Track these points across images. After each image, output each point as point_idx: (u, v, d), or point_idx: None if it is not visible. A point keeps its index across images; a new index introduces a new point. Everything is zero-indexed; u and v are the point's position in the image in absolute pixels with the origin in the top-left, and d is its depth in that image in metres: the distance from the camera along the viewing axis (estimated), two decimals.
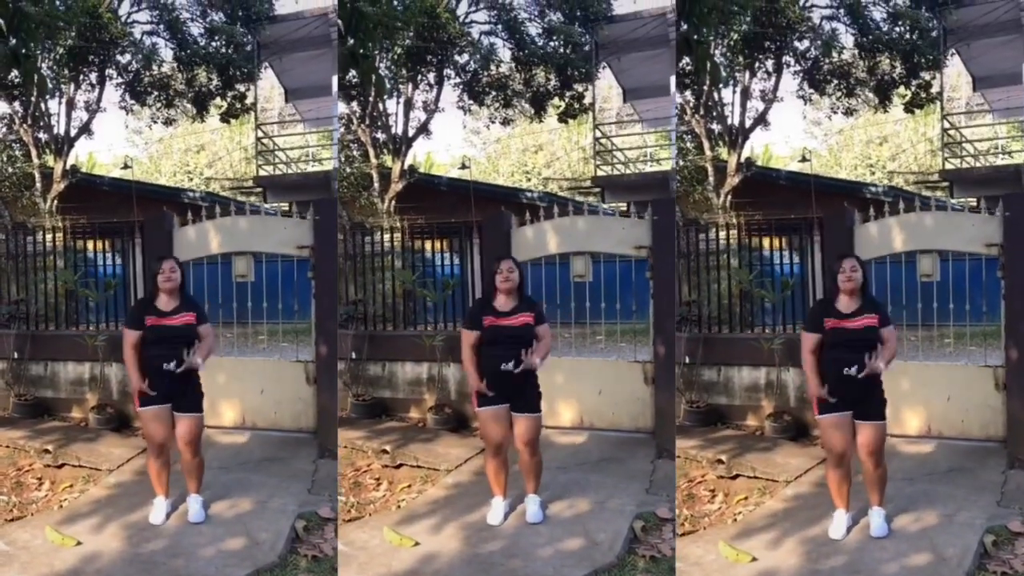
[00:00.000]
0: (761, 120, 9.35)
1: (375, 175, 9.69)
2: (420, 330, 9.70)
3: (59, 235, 9.79)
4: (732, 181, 9.26)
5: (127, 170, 9.74)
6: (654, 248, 8.86)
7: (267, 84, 9.93)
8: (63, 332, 9.79)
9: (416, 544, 7.43)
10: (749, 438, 8.84)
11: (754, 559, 7.15)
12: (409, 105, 9.71)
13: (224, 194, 9.82)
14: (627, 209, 9.42)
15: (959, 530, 7.22)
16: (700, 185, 9.26)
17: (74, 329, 9.81)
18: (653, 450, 8.57)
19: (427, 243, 9.87)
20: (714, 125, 9.27)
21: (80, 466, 8.60)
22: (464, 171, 9.77)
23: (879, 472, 7.19)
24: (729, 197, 9.24)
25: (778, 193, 9.37)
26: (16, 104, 9.67)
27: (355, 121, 9.60)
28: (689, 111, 9.20)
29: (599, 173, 9.89)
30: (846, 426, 7.14)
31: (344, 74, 9.18)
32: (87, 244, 9.90)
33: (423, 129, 9.78)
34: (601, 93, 9.89)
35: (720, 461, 8.37)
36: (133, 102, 9.71)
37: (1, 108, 9.67)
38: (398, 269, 9.71)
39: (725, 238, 9.27)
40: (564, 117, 9.85)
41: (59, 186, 9.73)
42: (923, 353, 8.82)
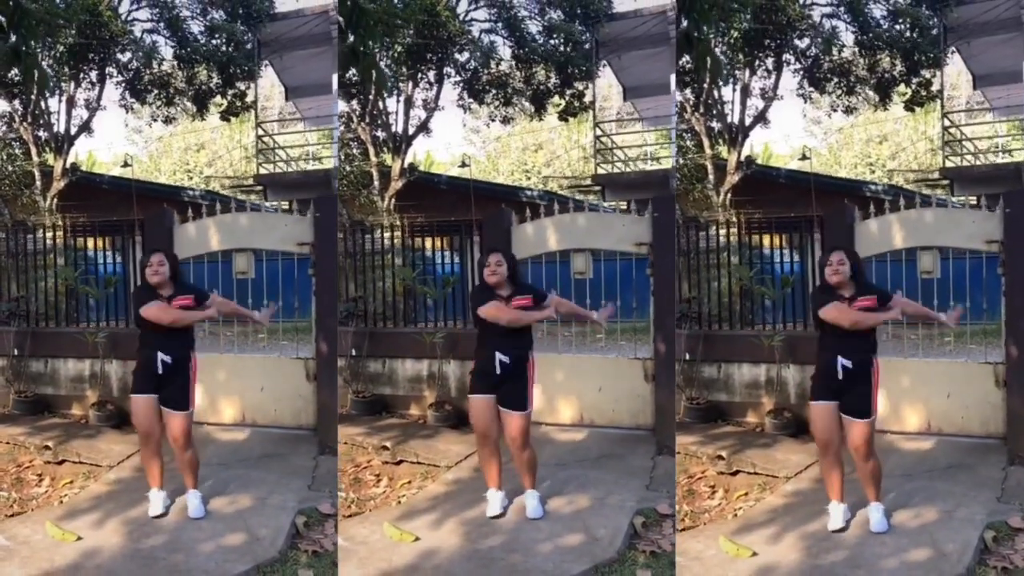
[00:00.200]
0: (761, 118, 9.35)
1: (375, 173, 9.69)
2: (420, 327, 9.69)
3: (59, 233, 9.80)
4: (732, 179, 9.26)
5: (127, 168, 9.74)
6: (654, 245, 8.86)
7: (267, 82, 9.92)
8: (63, 329, 9.80)
9: (416, 539, 7.43)
10: (749, 434, 8.84)
11: (754, 554, 7.15)
12: (409, 103, 9.71)
13: (224, 193, 9.82)
14: (627, 207, 9.41)
15: (959, 526, 7.21)
16: (700, 183, 9.26)
17: (74, 326, 9.82)
18: (653, 447, 8.57)
19: (427, 241, 9.88)
20: (714, 123, 9.27)
21: (80, 462, 8.61)
22: (464, 169, 9.77)
23: (869, 467, 7.19)
24: (729, 195, 9.25)
25: (778, 191, 9.37)
26: (16, 102, 9.68)
27: (355, 119, 9.60)
28: (689, 109, 9.21)
29: (599, 171, 9.89)
30: (830, 416, 7.15)
31: (344, 71, 9.18)
32: (87, 242, 9.91)
33: (423, 127, 9.78)
34: (601, 91, 9.88)
35: (720, 457, 8.38)
36: (133, 100, 9.71)
37: (1, 106, 9.68)
38: (398, 266, 9.71)
39: (725, 235, 9.28)
40: (564, 115, 9.84)
41: (59, 184, 9.73)
42: (923, 350, 8.82)
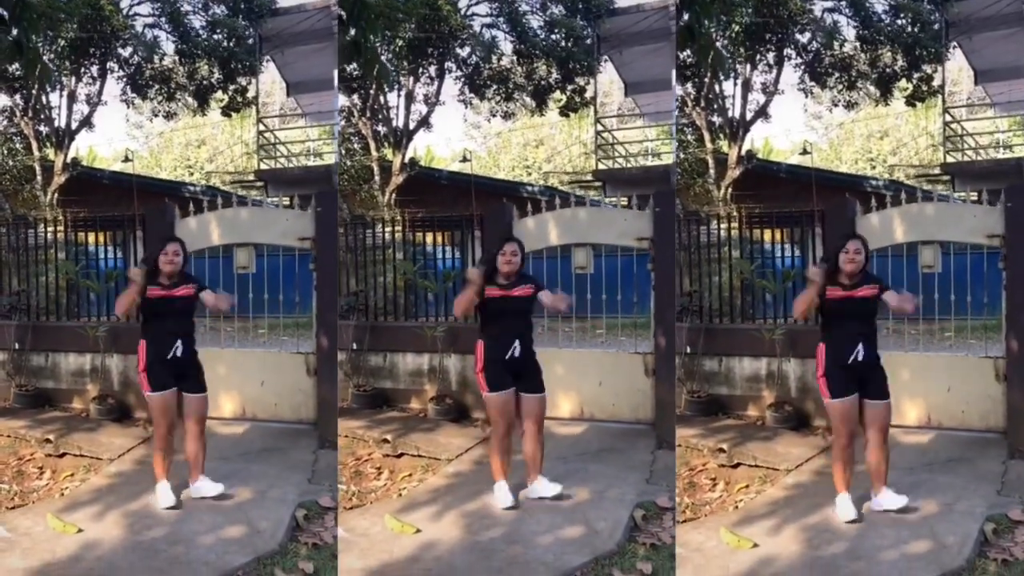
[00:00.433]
0: (762, 113, 9.35)
1: (376, 168, 9.69)
2: (421, 322, 9.70)
3: (60, 228, 9.81)
4: (733, 174, 9.26)
5: (128, 164, 9.73)
6: (655, 240, 8.86)
7: (268, 78, 9.91)
8: (64, 323, 9.81)
9: (417, 531, 7.43)
10: (750, 427, 8.84)
11: (755, 545, 7.16)
12: (410, 98, 9.71)
13: (225, 188, 9.81)
14: (628, 203, 9.42)
15: (959, 518, 7.22)
16: (701, 177, 9.27)
17: (75, 321, 9.83)
18: (653, 441, 8.57)
19: (428, 236, 9.87)
20: (715, 117, 9.27)
21: (81, 455, 8.61)
22: (465, 164, 9.76)
23: (887, 450, 7.28)
24: (730, 189, 9.25)
25: (779, 186, 9.37)
26: (17, 96, 9.68)
27: (356, 114, 9.59)
28: (690, 103, 9.21)
29: (600, 167, 9.88)
30: (855, 408, 7.26)
31: (346, 65, 9.18)
32: (88, 237, 9.91)
33: (424, 122, 9.77)
34: (602, 87, 9.87)
35: (721, 450, 8.38)
36: (134, 95, 9.70)
37: (2, 101, 9.68)
38: (399, 261, 9.71)
39: (726, 230, 9.28)
40: (565, 111, 9.83)
41: (60, 179, 9.73)
42: (923, 345, 8.82)
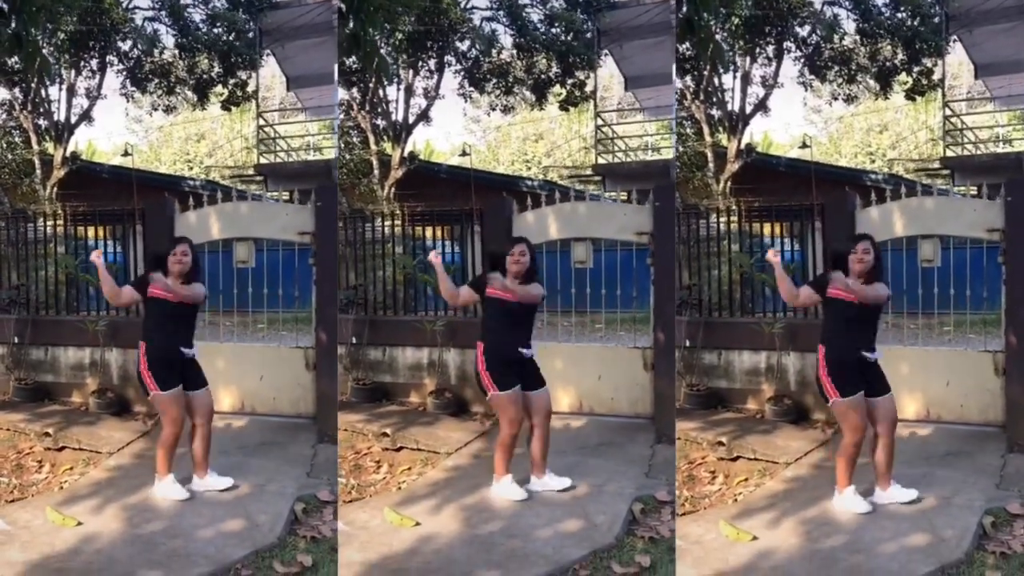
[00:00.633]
0: (761, 106, 9.33)
1: (375, 162, 9.68)
2: (420, 316, 9.69)
3: (59, 221, 9.80)
4: (732, 167, 9.25)
5: (127, 158, 9.72)
6: (655, 234, 8.85)
7: (268, 72, 9.89)
8: (63, 317, 9.80)
9: (417, 524, 7.43)
10: (749, 421, 8.84)
11: (754, 538, 7.15)
12: (409, 92, 9.69)
13: (224, 183, 9.81)
14: (628, 197, 9.41)
15: (958, 512, 7.22)
16: (700, 171, 9.26)
17: (75, 315, 9.82)
18: (652, 435, 8.58)
19: (427, 230, 9.87)
20: (714, 111, 9.26)
21: (80, 449, 8.62)
22: (464, 158, 9.75)
23: (893, 443, 7.32)
24: (729, 183, 9.24)
25: (778, 180, 9.35)
26: (16, 90, 9.67)
27: (355, 107, 9.58)
28: (689, 96, 9.20)
29: (599, 161, 9.87)
30: (863, 406, 7.28)
31: (346, 57, 9.17)
32: (87, 231, 9.90)
33: (423, 116, 9.76)
34: (602, 81, 9.85)
35: (720, 443, 8.38)
36: (134, 89, 9.68)
37: (1, 94, 9.67)
38: (399, 255, 9.71)
39: (726, 223, 9.27)
40: (565, 105, 9.81)
41: (59, 173, 9.72)
42: (922, 339, 8.82)
